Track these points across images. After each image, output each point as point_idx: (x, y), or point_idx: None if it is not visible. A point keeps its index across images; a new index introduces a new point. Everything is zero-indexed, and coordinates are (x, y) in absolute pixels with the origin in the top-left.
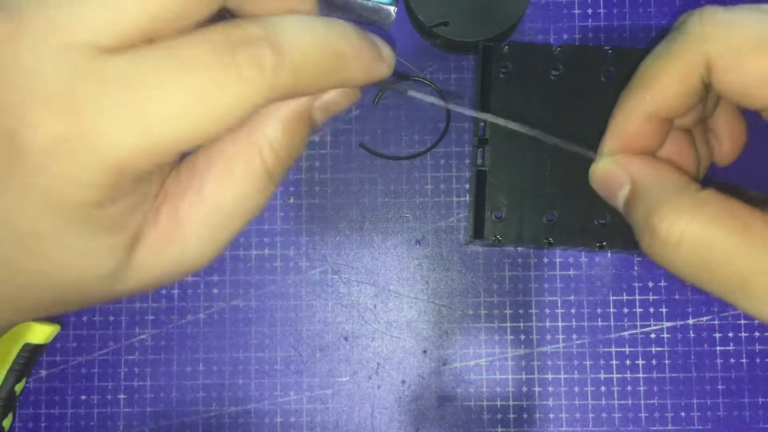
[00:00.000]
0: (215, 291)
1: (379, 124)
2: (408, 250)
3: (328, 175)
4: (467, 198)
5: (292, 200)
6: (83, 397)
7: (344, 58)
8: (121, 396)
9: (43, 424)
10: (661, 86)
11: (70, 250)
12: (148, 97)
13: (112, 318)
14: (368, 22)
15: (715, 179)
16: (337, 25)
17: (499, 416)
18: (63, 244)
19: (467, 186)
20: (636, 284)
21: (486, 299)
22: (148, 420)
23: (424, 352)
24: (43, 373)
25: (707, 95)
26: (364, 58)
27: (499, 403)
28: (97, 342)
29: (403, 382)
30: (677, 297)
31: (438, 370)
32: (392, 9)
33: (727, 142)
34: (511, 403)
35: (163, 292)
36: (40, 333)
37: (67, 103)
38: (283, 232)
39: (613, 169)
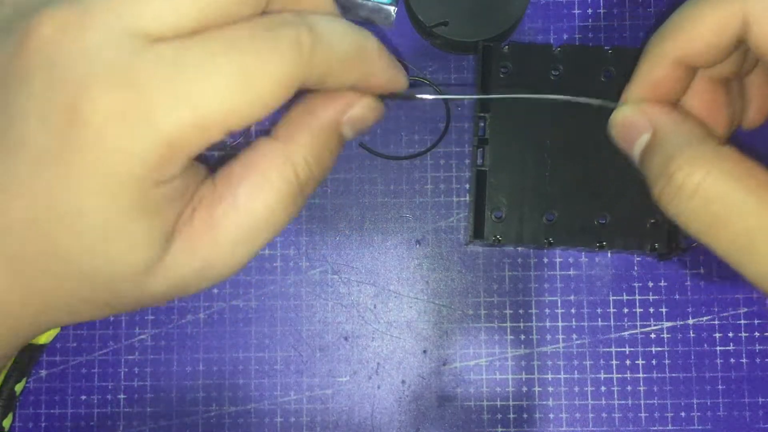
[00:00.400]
0: (215, 291)
1: (379, 124)
2: (408, 250)
3: (329, 175)
4: (467, 198)
5: None
6: (83, 397)
7: (369, 52)
8: (121, 396)
9: (43, 424)
10: (692, 34)
11: (107, 229)
12: (199, 74)
13: (112, 318)
14: (368, 23)
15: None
16: (361, 28)
17: (499, 416)
18: (102, 222)
19: (467, 186)
20: (636, 284)
21: (486, 299)
22: (148, 420)
23: (424, 352)
24: (43, 373)
25: (746, 50)
26: (386, 59)
27: (499, 403)
28: (97, 342)
29: (403, 382)
30: (677, 297)
31: (438, 370)
32: (392, 9)
33: (754, 104)
34: (511, 403)
35: None
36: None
37: (125, 79)
38: (283, 232)
39: (635, 116)
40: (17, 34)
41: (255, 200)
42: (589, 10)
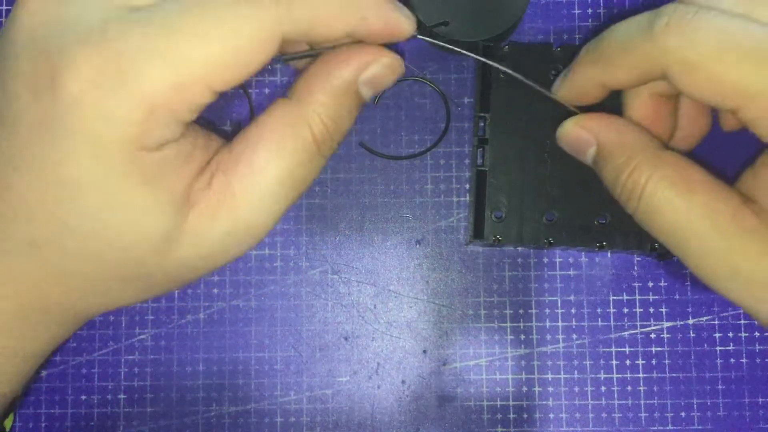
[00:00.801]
0: (215, 291)
1: (379, 124)
2: (408, 250)
3: (328, 175)
4: (467, 198)
5: None
6: (83, 397)
7: None
8: (121, 396)
9: (43, 425)
10: (614, 66)
11: (111, 200)
12: (175, 33)
13: (112, 318)
14: None
15: None
16: None
17: (499, 416)
18: (103, 193)
19: (467, 186)
20: (636, 284)
21: (486, 299)
22: (148, 420)
23: (424, 352)
24: (43, 373)
25: None
26: (379, 2)
27: (499, 403)
28: (97, 342)
29: (403, 382)
30: (677, 297)
31: (438, 370)
32: None
33: (684, 128)
34: (511, 403)
35: None
36: None
37: (101, 45)
38: (283, 232)
39: (578, 132)
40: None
41: (271, 162)
42: (589, 10)
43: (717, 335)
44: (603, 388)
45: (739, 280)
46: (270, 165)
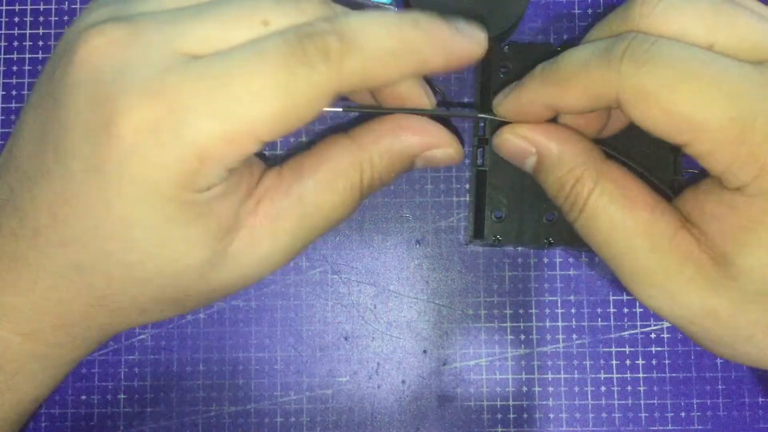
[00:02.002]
0: None
1: None
2: (408, 250)
3: None
4: (467, 198)
5: None
6: (83, 397)
7: (413, 41)
8: (121, 396)
9: (43, 425)
10: (567, 93)
11: (159, 236)
12: (229, 89)
13: None
14: None
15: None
16: (406, 14)
17: (499, 416)
18: (152, 230)
19: (467, 186)
20: None
21: (486, 299)
22: (148, 420)
23: (424, 352)
24: None
25: None
26: (438, 37)
27: (499, 403)
28: None
29: (403, 382)
30: None
31: (438, 370)
32: (392, 9)
33: (612, 124)
34: (511, 403)
35: None
36: None
37: (157, 93)
38: None
39: (516, 141)
40: (72, 47)
41: (321, 196)
42: (590, 10)
43: None
44: (603, 388)
45: (671, 304)
46: (319, 200)
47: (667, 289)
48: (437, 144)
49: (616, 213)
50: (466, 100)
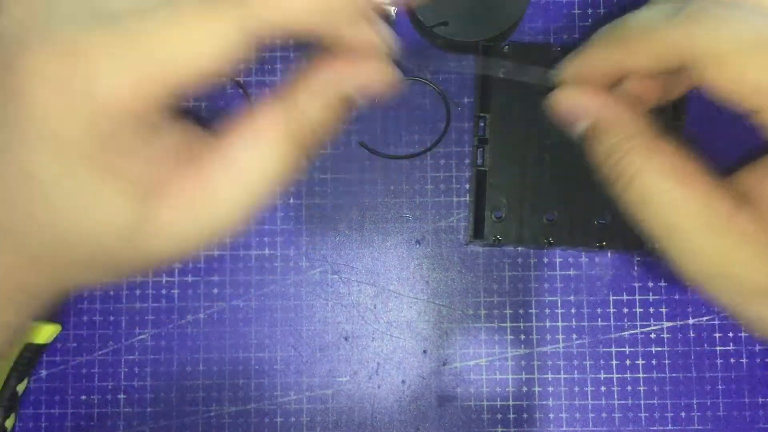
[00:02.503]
0: (215, 291)
1: (379, 124)
2: (408, 250)
3: (328, 175)
4: (467, 198)
5: (292, 200)
6: (83, 397)
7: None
8: (121, 396)
9: (43, 424)
10: (634, 54)
11: (75, 197)
12: (137, 39)
13: (112, 318)
14: None
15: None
16: None
17: (499, 416)
18: (67, 190)
19: (467, 186)
20: (636, 284)
21: (486, 299)
22: (149, 420)
23: (424, 352)
24: (44, 373)
25: None
26: (350, 7)
27: (499, 403)
28: (98, 342)
29: (403, 382)
30: (677, 297)
31: (438, 370)
32: (392, 9)
33: (668, 94)
34: (511, 403)
35: (164, 292)
36: (42, 333)
37: (63, 45)
38: (283, 232)
39: (574, 102)
40: None
41: (252, 157)
42: (589, 10)
43: (717, 335)
44: (603, 388)
45: (727, 284)
46: (250, 160)
47: (724, 271)
48: (358, 65)
49: (669, 189)
50: (466, 101)
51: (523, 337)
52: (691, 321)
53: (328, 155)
